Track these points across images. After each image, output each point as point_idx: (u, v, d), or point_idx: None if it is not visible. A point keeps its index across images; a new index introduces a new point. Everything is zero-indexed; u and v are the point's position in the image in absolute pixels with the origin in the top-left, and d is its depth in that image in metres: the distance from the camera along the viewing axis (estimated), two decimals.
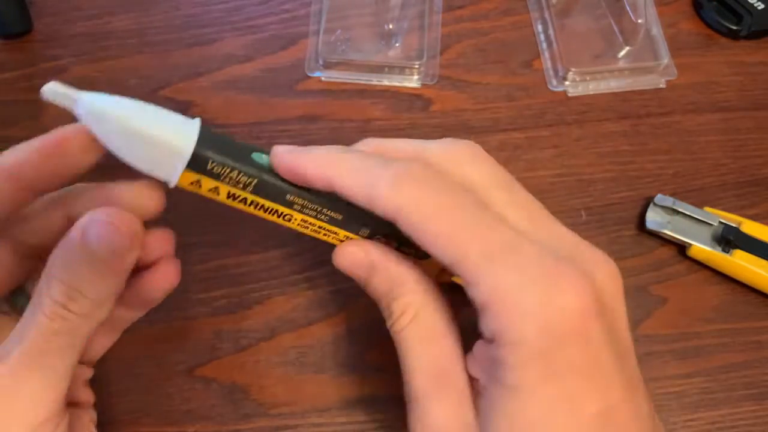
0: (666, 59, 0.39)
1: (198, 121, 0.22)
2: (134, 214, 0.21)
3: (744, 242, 0.32)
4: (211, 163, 0.21)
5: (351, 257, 0.24)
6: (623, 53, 0.40)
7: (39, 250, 0.23)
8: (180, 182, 0.22)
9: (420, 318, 0.22)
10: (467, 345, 0.22)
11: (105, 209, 0.21)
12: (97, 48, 0.39)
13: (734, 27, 0.40)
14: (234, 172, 0.22)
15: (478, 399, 0.21)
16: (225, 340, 0.31)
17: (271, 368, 0.30)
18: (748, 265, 0.32)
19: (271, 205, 0.23)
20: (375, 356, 0.31)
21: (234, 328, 0.31)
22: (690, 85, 0.39)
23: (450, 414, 0.21)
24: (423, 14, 0.41)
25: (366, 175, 0.21)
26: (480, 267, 0.20)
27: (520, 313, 0.19)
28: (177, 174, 0.21)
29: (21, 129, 0.36)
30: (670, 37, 0.40)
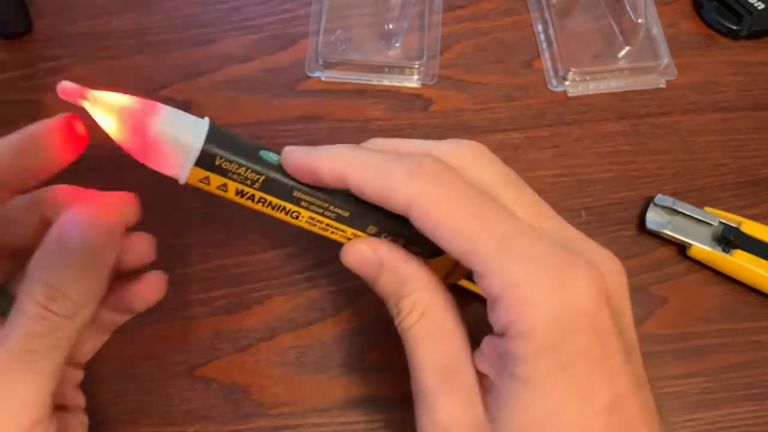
0: (666, 59, 0.39)
1: (207, 120, 0.22)
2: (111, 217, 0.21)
3: (744, 242, 0.32)
4: (220, 159, 0.22)
5: (359, 255, 0.24)
6: (623, 53, 0.40)
7: (17, 251, 0.23)
8: (189, 179, 0.22)
9: (429, 315, 0.22)
10: (474, 342, 0.22)
11: (82, 207, 0.21)
12: (97, 48, 0.39)
13: (734, 27, 0.40)
14: (242, 169, 0.22)
15: (487, 395, 0.21)
16: (225, 340, 0.31)
17: (271, 368, 0.30)
18: (748, 265, 0.32)
19: (279, 202, 0.23)
20: (375, 356, 0.31)
21: (234, 328, 0.31)
22: (690, 85, 0.39)
23: (459, 409, 0.21)
24: (423, 14, 0.41)
25: (379, 169, 0.21)
26: (492, 258, 0.20)
27: (533, 302, 0.19)
28: (186, 170, 0.22)
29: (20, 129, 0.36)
30: (670, 37, 0.40)
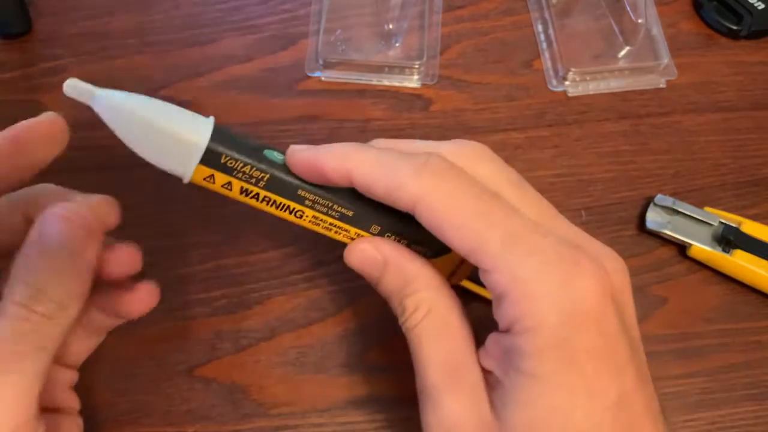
0: (666, 59, 0.39)
1: (212, 119, 0.22)
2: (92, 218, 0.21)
3: (744, 242, 0.32)
4: (225, 158, 0.22)
5: (363, 254, 0.24)
6: (623, 53, 0.40)
7: (3, 251, 0.23)
8: (194, 177, 0.22)
9: (433, 314, 0.22)
10: (476, 341, 0.22)
11: (60, 204, 0.21)
12: (97, 48, 0.39)
13: (734, 27, 0.40)
14: (247, 167, 0.22)
15: (492, 392, 0.21)
16: (225, 340, 0.31)
17: (271, 368, 0.30)
18: (748, 265, 0.32)
19: (284, 201, 0.23)
20: (375, 356, 0.31)
21: (234, 328, 0.31)
22: (690, 85, 0.39)
23: (464, 407, 0.21)
24: (423, 14, 0.41)
25: (386, 167, 0.21)
26: (499, 254, 0.20)
27: (540, 298, 0.19)
28: (191, 168, 0.22)
29: None
30: (670, 37, 0.40)
